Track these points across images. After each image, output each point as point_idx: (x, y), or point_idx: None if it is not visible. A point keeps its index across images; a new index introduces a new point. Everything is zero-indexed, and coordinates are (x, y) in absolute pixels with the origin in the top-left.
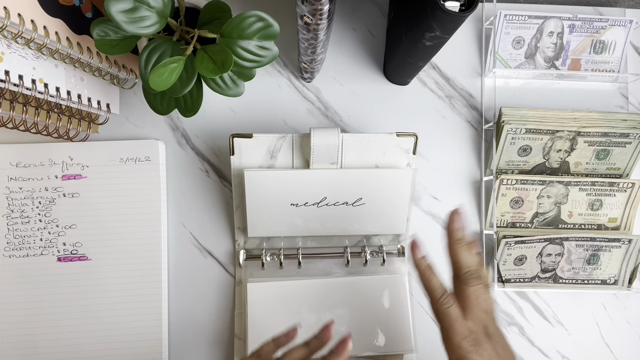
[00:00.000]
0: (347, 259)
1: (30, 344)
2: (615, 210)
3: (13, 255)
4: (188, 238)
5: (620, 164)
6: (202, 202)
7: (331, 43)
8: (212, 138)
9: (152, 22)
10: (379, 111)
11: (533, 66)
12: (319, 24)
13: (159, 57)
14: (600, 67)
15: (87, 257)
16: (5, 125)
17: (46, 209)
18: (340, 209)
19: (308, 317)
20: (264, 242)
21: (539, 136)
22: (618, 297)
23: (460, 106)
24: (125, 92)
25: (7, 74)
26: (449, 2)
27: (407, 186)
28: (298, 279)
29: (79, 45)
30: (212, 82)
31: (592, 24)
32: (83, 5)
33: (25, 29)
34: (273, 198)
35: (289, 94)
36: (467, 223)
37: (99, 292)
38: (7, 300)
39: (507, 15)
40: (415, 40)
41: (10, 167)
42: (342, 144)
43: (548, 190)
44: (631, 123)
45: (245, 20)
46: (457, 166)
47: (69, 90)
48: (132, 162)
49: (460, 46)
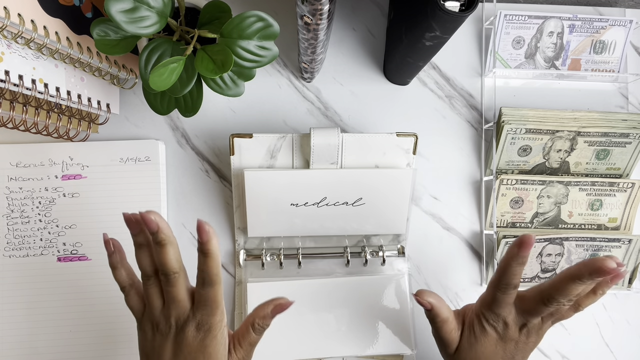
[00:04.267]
0: (347, 259)
1: (30, 344)
2: (615, 210)
3: (13, 255)
4: (188, 238)
5: (620, 164)
6: (202, 202)
7: (331, 43)
8: (212, 138)
9: (152, 22)
10: (379, 111)
11: (533, 66)
12: (319, 24)
13: (159, 57)
14: (600, 67)
15: (87, 257)
16: (5, 125)
17: (46, 209)
18: (340, 209)
19: (308, 317)
20: (264, 242)
21: (539, 136)
22: (618, 297)
23: (460, 106)
24: (125, 92)
25: (7, 74)
26: (449, 2)
27: (407, 186)
28: (298, 279)
29: (79, 45)
30: (212, 82)
31: (592, 24)
32: (83, 5)
33: (25, 29)
34: (273, 198)
35: (289, 94)
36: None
37: (99, 292)
38: (7, 300)
39: (507, 15)
40: (415, 40)
41: (10, 167)
42: (342, 144)
43: (548, 190)
44: (631, 123)
45: (245, 20)
46: (457, 166)
47: (69, 90)
48: (132, 162)
49: (460, 46)
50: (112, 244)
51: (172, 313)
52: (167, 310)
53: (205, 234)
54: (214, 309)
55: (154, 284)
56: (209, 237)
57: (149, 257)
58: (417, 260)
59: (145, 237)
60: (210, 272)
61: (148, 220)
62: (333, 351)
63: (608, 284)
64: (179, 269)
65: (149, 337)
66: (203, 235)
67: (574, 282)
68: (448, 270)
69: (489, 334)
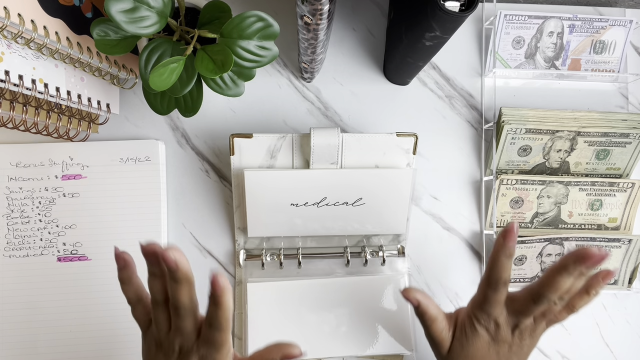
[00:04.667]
0: (347, 259)
1: (30, 344)
2: (615, 210)
3: (13, 255)
4: (188, 238)
5: (620, 164)
6: (202, 202)
7: (331, 43)
8: (212, 138)
9: (152, 22)
10: (379, 111)
11: (533, 66)
12: (319, 24)
13: (159, 57)
14: (600, 67)
15: (87, 257)
16: (5, 125)
17: (46, 209)
18: (340, 209)
19: (308, 317)
20: (264, 242)
21: (539, 136)
22: (618, 297)
23: (460, 106)
24: (125, 92)
25: (7, 74)
26: (449, 2)
27: (407, 186)
28: (298, 279)
29: (79, 45)
30: (212, 82)
31: (592, 24)
32: (83, 5)
33: (25, 29)
34: (273, 198)
35: (289, 94)
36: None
37: (99, 292)
38: (7, 300)
39: (507, 15)
40: (415, 40)
41: (10, 167)
42: (342, 144)
43: (548, 190)
44: (631, 123)
45: (245, 20)
46: (457, 166)
47: (69, 90)
48: (132, 162)
49: (460, 46)
50: (123, 259)
51: (177, 340)
52: (173, 335)
53: (219, 289)
54: (218, 348)
55: (163, 311)
56: (222, 292)
57: (161, 286)
58: (417, 260)
59: (160, 269)
60: (220, 319)
61: (168, 259)
62: (333, 351)
63: (600, 283)
64: (190, 306)
65: (152, 352)
66: (217, 289)
67: (560, 275)
68: (448, 270)
69: (480, 335)
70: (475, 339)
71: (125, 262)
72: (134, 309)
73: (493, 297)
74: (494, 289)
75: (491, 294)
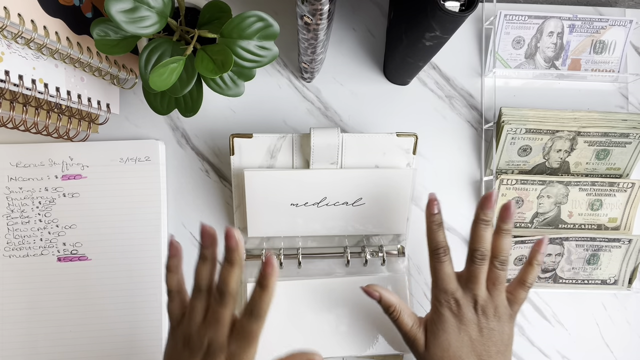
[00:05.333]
0: (347, 259)
1: (30, 344)
2: (615, 210)
3: (13, 255)
4: (188, 238)
5: (620, 164)
6: (202, 202)
7: (331, 43)
8: (212, 138)
9: (152, 22)
10: (379, 111)
11: (533, 66)
12: (319, 24)
13: (159, 57)
14: (600, 67)
15: (87, 257)
16: (5, 125)
17: (46, 209)
18: (340, 209)
19: (308, 317)
20: (264, 242)
21: (539, 136)
22: (618, 297)
23: (460, 106)
24: (125, 92)
25: (7, 74)
26: (449, 2)
27: (407, 186)
28: (298, 279)
29: (79, 45)
30: (212, 82)
31: (592, 24)
32: (83, 5)
33: (25, 29)
34: (273, 198)
35: (289, 94)
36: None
37: (99, 292)
38: (7, 300)
39: (507, 15)
40: (415, 40)
41: (10, 167)
42: (342, 144)
43: (548, 190)
44: (631, 123)
45: (245, 20)
46: (457, 166)
47: (69, 90)
48: (132, 162)
49: (460, 46)
50: (175, 247)
51: (208, 333)
52: (205, 328)
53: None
54: (251, 343)
55: (203, 299)
56: (272, 273)
57: (209, 272)
58: (417, 260)
59: (212, 253)
60: (262, 305)
61: (230, 236)
62: (333, 351)
63: (537, 251)
64: (235, 293)
65: (178, 348)
66: (268, 269)
67: (476, 225)
68: None
69: (446, 317)
70: (443, 323)
71: (176, 250)
72: (172, 301)
73: (440, 268)
74: (437, 260)
75: (438, 266)
